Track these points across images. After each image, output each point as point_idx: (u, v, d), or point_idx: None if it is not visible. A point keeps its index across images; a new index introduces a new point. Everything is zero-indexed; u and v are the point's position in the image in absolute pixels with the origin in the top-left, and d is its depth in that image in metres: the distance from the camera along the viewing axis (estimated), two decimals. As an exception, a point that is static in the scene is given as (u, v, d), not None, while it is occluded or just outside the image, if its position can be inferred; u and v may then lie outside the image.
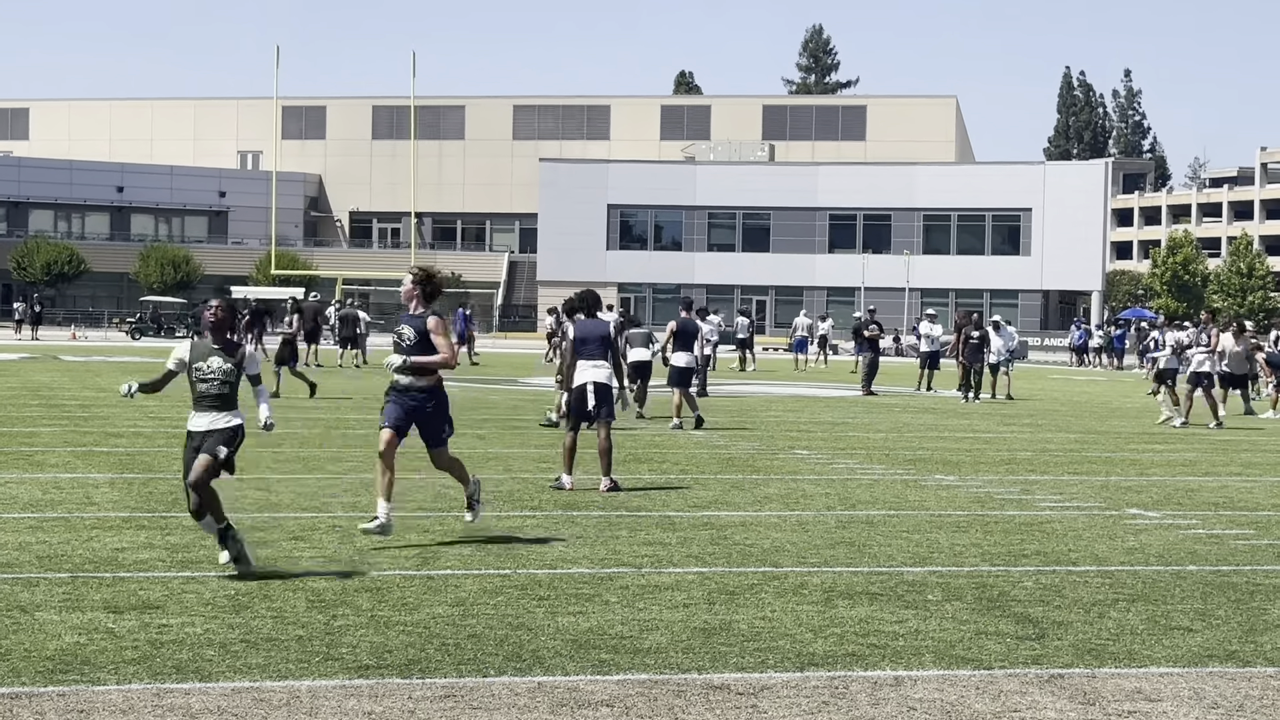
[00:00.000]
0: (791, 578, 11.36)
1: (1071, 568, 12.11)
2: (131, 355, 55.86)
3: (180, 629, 9.16)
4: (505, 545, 12.60)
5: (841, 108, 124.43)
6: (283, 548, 12.17)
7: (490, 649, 8.83)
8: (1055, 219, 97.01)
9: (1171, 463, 21.64)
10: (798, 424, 27.85)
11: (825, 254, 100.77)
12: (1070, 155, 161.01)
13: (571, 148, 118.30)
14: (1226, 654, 9.13)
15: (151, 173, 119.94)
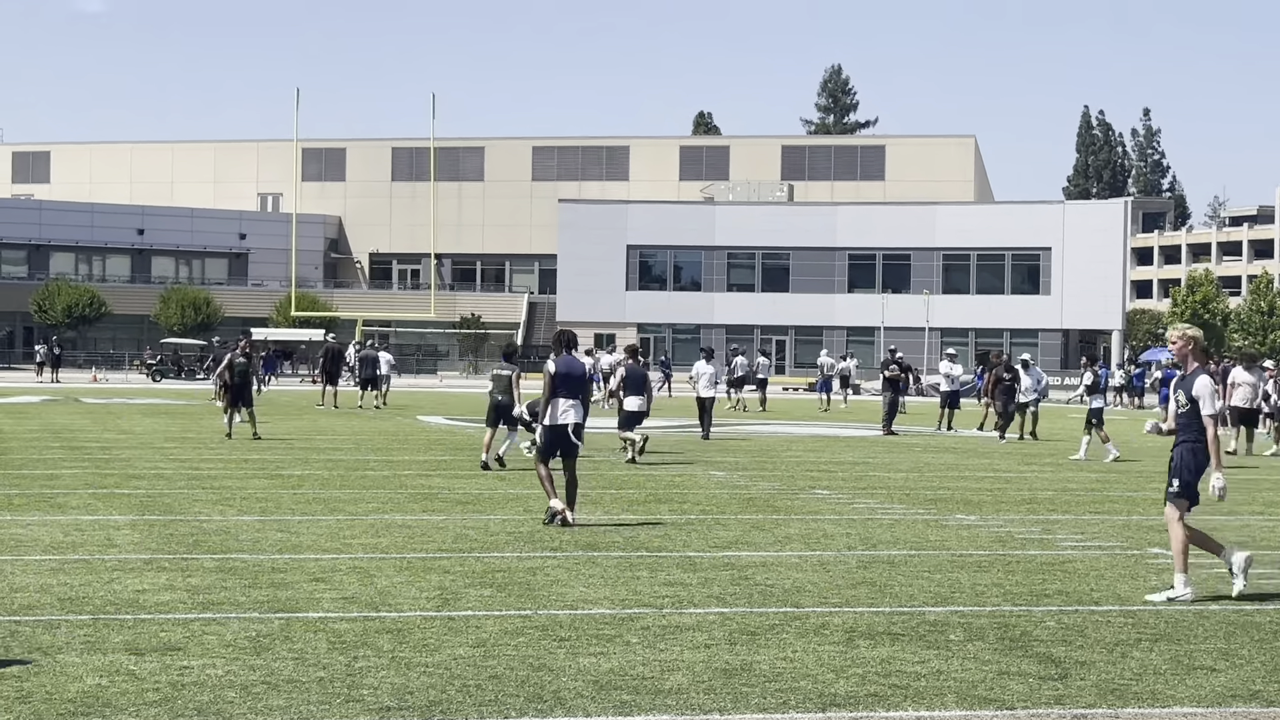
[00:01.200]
0: (813, 618, 11.33)
1: (1094, 607, 12.06)
2: (152, 397, 55.93)
3: (201, 671, 9.15)
4: (525, 586, 12.58)
5: (860, 148, 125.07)
6: (303, 589, 12.16)
7: (511, 690, 8.80)
8: (1075, 258, 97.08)
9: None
10: (818, 464, 27.80)
11: (845, 293, 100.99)
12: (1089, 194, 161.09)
13: (590, 188, 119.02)
14: (1250, 694, 9.07)
15: (172, 215, 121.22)
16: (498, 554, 14.52)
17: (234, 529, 16.09)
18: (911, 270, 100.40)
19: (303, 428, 36.98)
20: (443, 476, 23.20)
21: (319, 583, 12.51)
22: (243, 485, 21.05)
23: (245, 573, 12.93)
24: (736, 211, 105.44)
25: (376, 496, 19.42)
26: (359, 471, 24.01)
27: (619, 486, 22.00)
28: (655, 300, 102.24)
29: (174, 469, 23.66)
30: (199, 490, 19.90)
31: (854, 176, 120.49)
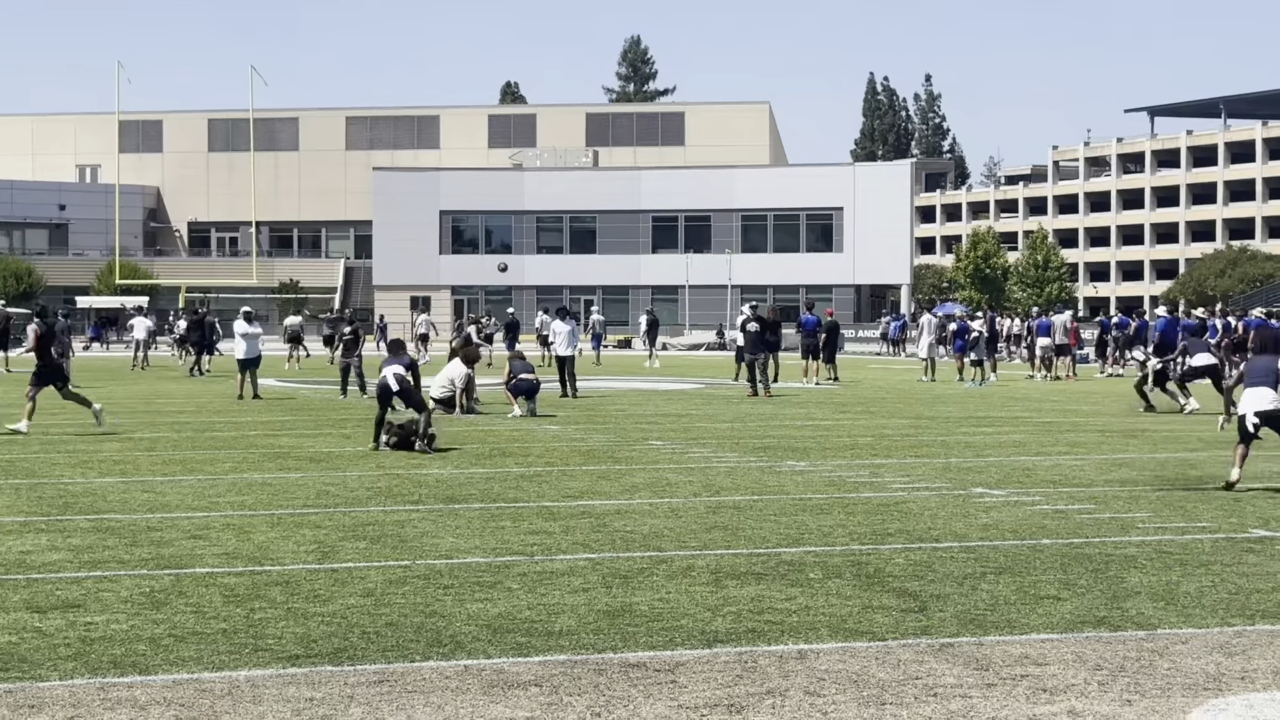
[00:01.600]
0: (677, 561, 11.83)
1: (936, 544, 12.74)
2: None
3: (106, 626, 9.38)
4: (398, 538, 12.93)
5: (661, 115, 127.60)
6: (184, 546, 12.38)
7: (410, 636, 9.16)
8: (864, 217, 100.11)
9: (1003, 444, 22.53)
10: (645, 416, 28.40)
11: (649, 254, 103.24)
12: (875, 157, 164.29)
13: (403, 157, 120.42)
14: (1097, 619, 9.73)
15: None
16: (362, 509, 14.85)
17: (100, 491, 16.18)
18: (712, 231, 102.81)
19: (140, 392, 36.76)
20: (290, 436, 23.39)
21: (197, 540, 12.74)
22: (97, 449, 21.01)
23: (123, 532, 13.11)
24: (544, 177, 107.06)
25: (230, 456, 19.57)
26: (207, 433, 24.09)
27: (461, 442, 22.35)
28: (468, 264, 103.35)
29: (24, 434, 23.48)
30: (55, 454, 19.84)
31: (656, 142, 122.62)
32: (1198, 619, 9.75)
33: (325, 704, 7.64)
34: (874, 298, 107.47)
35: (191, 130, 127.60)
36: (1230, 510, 14.85)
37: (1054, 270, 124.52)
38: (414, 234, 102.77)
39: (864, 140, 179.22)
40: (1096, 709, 7.56)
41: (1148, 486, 16.96)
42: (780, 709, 7.57)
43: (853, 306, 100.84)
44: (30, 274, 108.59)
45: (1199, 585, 10.85)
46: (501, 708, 7.58)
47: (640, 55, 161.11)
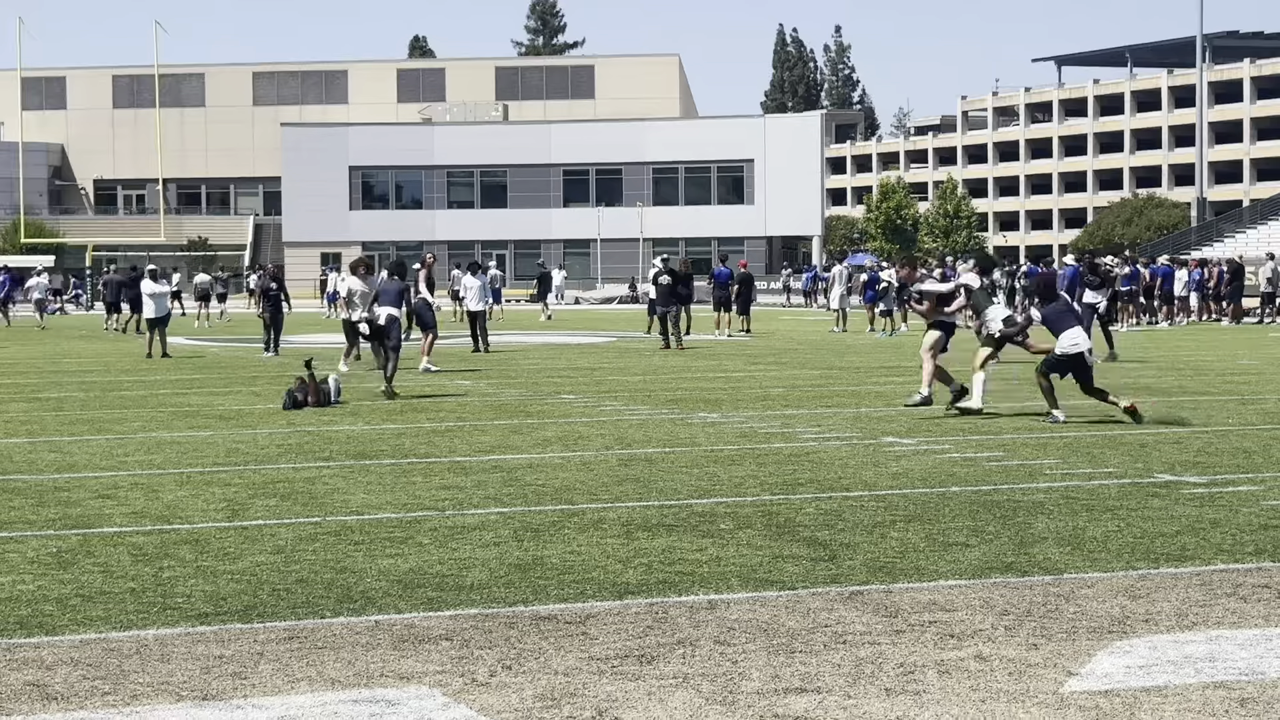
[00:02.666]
0: (588, 514, 11.86)
1: (846, 493, 12.83)
2: None
3: (13, 586, 9.29)
4: (309, 495, 12.88)
5: (571, 68, 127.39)
6: (92, 506, 12.28)
7: (320, 592, 9.13)
8: (776, 169, 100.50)
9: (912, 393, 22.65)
10: (557, 370, 28.41)
11: (561, 208, 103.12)
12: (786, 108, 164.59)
13: (311, 112, 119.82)
14: (1005, 565, 9.84)
15: None
16: (273, 465, 14.77)
17: (5, 451, 16.01)
18: (624, 184, 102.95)
19: (46, 352, 36.37)
20: (199, 394, 23.20)
21: (105, 499, 12.63)
22: (2, 409, 20.79)
23: (29, 493, 12.98)
24: (454, 131, 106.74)
25: (139, 415, 19.41)
26: (115, 392, 23.90)
27: (373, 398, 22.26)
28: (378, 219, 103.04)
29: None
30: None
31: (566, 96, 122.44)
32: (1103, 563, 9.88)
33: (235, 661, 7.60)
34: (786, 249, 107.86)
35: (96, 86, 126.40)
36: (1136, 456, 15.05)
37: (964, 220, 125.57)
38: (323, 190, 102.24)
39: (774, 92, 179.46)
40: (1003, 653, 7.64)
41: (1055, 434, 17.15)
42: (691, 658, 7.61)
43: (764, 258, 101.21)
44: None
45: (1105, 530, 10.99)
46: (413, 662, 7.57)
47: (549, 8, 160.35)
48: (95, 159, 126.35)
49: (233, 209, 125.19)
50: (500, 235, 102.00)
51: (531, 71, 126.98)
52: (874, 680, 7.16)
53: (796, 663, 7.53)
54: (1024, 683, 7.08)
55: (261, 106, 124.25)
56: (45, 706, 6.81)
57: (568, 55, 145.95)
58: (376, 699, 6.91)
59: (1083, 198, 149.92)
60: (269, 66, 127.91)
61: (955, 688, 7.00)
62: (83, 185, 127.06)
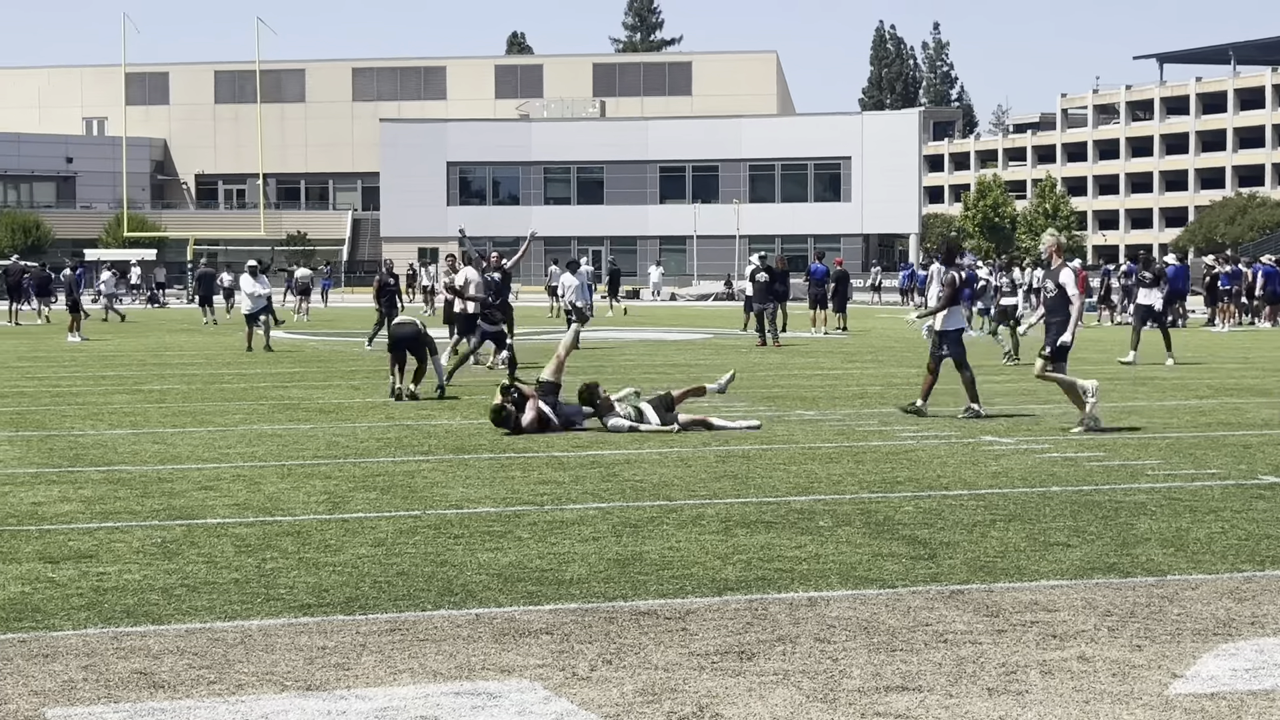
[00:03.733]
0: (687, 510, 11.86)
1: (945, 492, 12.75)
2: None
3: (119, 576, 9.41)
4: (408, 489, 12.97)
5: (668, 64, 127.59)
6: (195, 497, 12.43)
7: (421, 585, 9.18)
8: (873, 166, 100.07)
9: (1011, 392, 22.53)
10: (653, 365, 28.41)
11: (657, 204, 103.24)
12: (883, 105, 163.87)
13: (410, 108, 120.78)
14: (1107, 566, 9.75)
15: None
16: (372, 459, 14.89)
17: (110, 442, 16.25)
18: (720, 181, 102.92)
19: (150, 344, 36.92)
20: (299, 388, 23.46)
21: (208, 491, 12.79)
22: (107, 400, 21.10)
23: (134, 483, 13.16)
24: (551, 128, 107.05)
25: (240, 408, 19.61)
26: (216, 385, 24.19)
27: (471, 392, 22.38)
28: (475, 215, 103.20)
29: (35, 387, 23.75)
30: (66, 406, 19.91)
31: (663, 92, 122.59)
32: (1207, 565, 9.76)
33: (338, 652, 7.66)
34: (882, 247, 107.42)
35: (198, 82, 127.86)
36: (1240, 457, 14.86)
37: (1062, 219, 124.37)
38: (421, 185, 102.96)
39: (871, 89, 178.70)
40: (1106, 654, 7.57)
41: (1157, 434, 16.96)
42: (791, 655, 7.60)
43: (861, 256, 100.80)
44: (38, 227, 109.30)
45: (1209, 531, 10.87)
46: (513, 655, 7.60)
47: (647, 4, 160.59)
48: (197, 154, 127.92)
49: (331, 204, 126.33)
50: (596, 231, 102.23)
51: (629, 68, 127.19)
52: (976, 680, 7.11)
53: (897, 661, 7.49)
54: (1128, 684, 7.01)
55: (361, 102, 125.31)
56: (153, 694, 6.89)
57: (665, 52, 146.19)
58: (478, 691, 6.94)
59: (1184, 196, 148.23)
60: (368, 63, 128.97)
61: (1058, 688, 6.95)
62: (184, 180, 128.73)
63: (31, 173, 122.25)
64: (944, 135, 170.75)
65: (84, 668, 7.37)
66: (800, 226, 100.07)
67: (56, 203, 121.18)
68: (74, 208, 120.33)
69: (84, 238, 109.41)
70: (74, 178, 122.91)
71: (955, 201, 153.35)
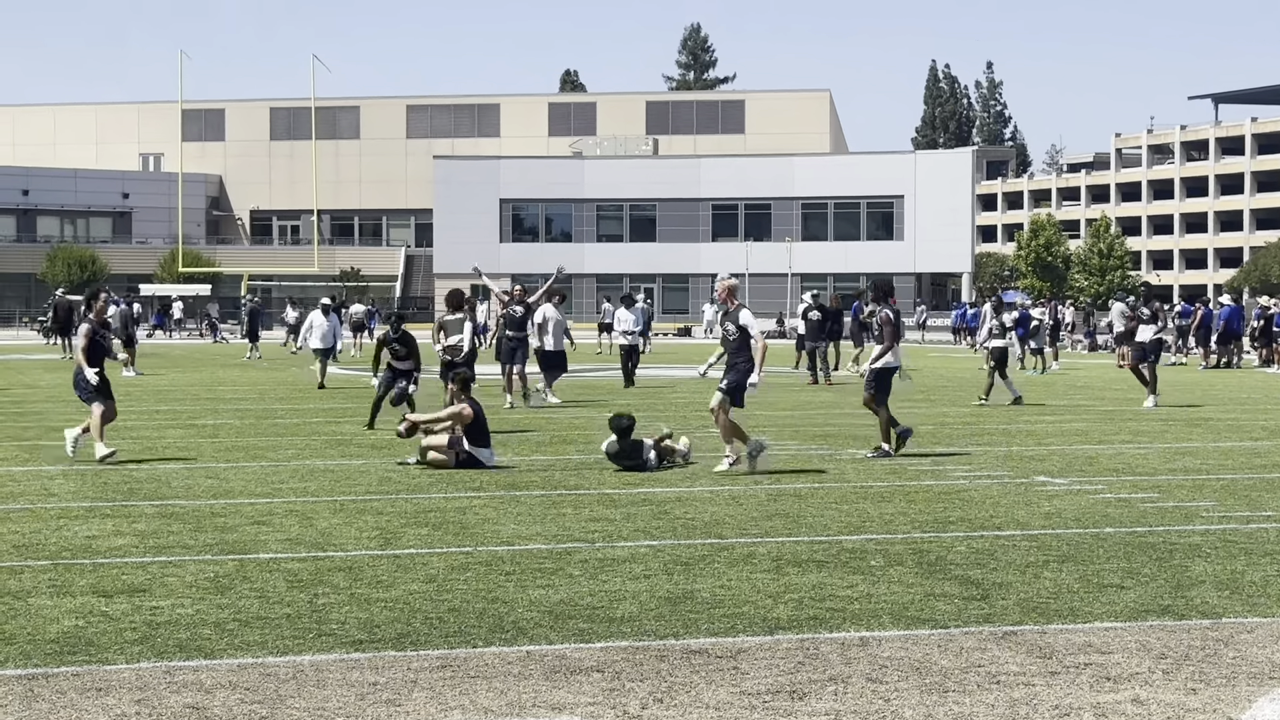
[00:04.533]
0: (738, 548, 11.84)
1: (998, 532, 12.69)
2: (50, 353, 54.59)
3: (172, 610, 9.46)
4: (460, 525, 13.00)
5: (721, 103, 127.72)
6: (248, 532, 12.49)
7: (472, 621, 9.20)
8: (925, 205, 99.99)
9: (1065, 432, 22.42)
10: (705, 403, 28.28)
11: (709, 242, 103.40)
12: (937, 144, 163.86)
13: (463, 145, 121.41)
14: (1161, 609, 9.67)
15: (56, 176, 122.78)
16: (424, 495, 14.93)
17: (164, 477, 16.34)
18: (772, 219, 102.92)
19: (204, 379, 37.20)
20: (351, 423, 23.49)
21: (261, 526, 12.84)
22: (161, 435, 21.25)
23: (187, 518, 13.24)
24: (604, 165, 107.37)
25: (293, 443, 19.68)
26: (269, 420, 24.30)
27: (524, 429, 22.43)
28: (528, 251, 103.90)
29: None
30: (119, 441, 19.96)
31: (716, 130, 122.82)
32: (1263, 608, 9.68)
33: (389, 688, 7.68)
34: (935, 286, 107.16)
35: (254, 119, 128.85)
36: (1296, 499, 14.73)
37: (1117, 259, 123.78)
38: (475, 222, 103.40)
39: (925, 128, 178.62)
40: (1161, 697, 7.51)
41: (1212, 475, 16.84)
42: (843, 695, 7.57)
43: (913, 295, 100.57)
44: (94, 262, 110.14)
45: (1264, 574, 10.78)
46: (564, 693, 7.60)
47: (700, 43, 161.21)
48: (252, 190, 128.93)
49: (385, 240, 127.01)
50: (649, 269, 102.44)
51: (682, 106, 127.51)
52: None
53: (950, 702, 7.45)
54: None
55: (415, 139, 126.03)
56: (205, 728, 6.92)
57: (718, 90, 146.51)
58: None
59: (1239, 237, 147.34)
60: (422, 100, 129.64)
61: (1113, 731, 6.89)
62: (239, 216, 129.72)
63: (88, 208, 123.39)
64: (997, 174, 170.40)
65: (136, 701, 7.41)
66: (853, 265, 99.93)
67: (113, 238, 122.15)
68: (130, 243, 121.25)
69: (140, 273, 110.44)
70: (130, 213, 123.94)
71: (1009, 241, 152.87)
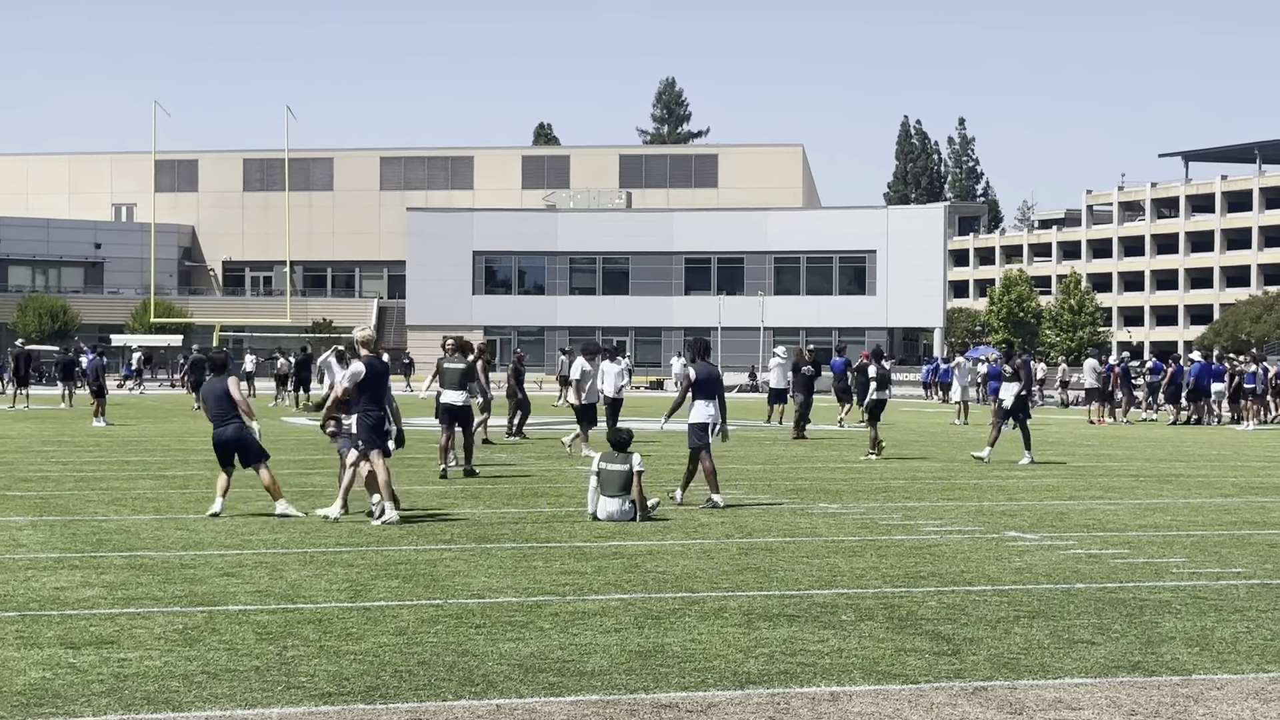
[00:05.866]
0: (709, 602, 11.82)
1: (969, 587, 12.69)
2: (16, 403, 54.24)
3: (140, 662, 9.41)
4: (430, 577, 12.95)
5: (694, 156, 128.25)
6: (217, 584, 12.43)
7: (442, 674, 9.16)
8: (898, 260, 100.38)
9: (1036, 488, 22.47)
10: (677, 457, 28.30)
11: (682, 295, 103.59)
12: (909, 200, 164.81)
13: (436, 197, 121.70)
14: (1131, 664, 9.68)
15: (28, 225, 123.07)
16: (395, 547, 14.88)
17: (133, 528, 16.27)
18: (745, 273, 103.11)
19: (174, 430, 37.06)
20: (321, 475, 23.44)
21: (230, 577, 12.78)
22: (131, 486, 21.15)
23: (156, 569, 13.17)
24: (577, 218, 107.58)
25: (263, 495, 19.55)
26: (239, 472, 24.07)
27: (494, 481, 22.39)
28: (501, 304, 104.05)
29: (59, 471, 23.78)
30: (89, 491, 19.96)
31: (689, 184, 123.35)
32: (1233, 665, 9.70)
33: (357, 742, 7.64)
34: (907, 341, 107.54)
35: (227, 170, 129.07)
36: (1266, 556, 14.79)
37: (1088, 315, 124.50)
38: (447, 274, 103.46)
39: (897, 183, 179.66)
40: (1131, 754, 7.51)
41: (1182, 531, 16.89)
42: (813, 751, 7.55)
43: (885, 350, 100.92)
44: (65, 312, 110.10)
45: (1234, 631, 10.80)
46: (534, 747, 7.57)
47: (675, 97, 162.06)
48: (225, 241, 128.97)
49: (357, 291, 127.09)
50: (621, 322, 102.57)
51: (655, 159, 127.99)
52: (999, 778, 7.06)
53: (920, 758, 7.44)
54: (1153, 784, 6.95)
55: (388, 190, 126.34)
56: (172, 781, 6.87)
57: (692, 144, 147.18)
58: (498, 783, 6.91)
59: (1209, 294, 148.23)
60: (396, 152, 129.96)
61: (1083, 788, 6.89)
62: (211, 266, 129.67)
63: (60, 258, 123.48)
64: (969, 230, 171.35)
65: (103, 754, 7.36)
66: (825, 320, 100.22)
67: (85, 288, 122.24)
68: (102, 293, 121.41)
69: (111, 323, 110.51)
70: (102, 263, 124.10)
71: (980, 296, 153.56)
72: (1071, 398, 66.66)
